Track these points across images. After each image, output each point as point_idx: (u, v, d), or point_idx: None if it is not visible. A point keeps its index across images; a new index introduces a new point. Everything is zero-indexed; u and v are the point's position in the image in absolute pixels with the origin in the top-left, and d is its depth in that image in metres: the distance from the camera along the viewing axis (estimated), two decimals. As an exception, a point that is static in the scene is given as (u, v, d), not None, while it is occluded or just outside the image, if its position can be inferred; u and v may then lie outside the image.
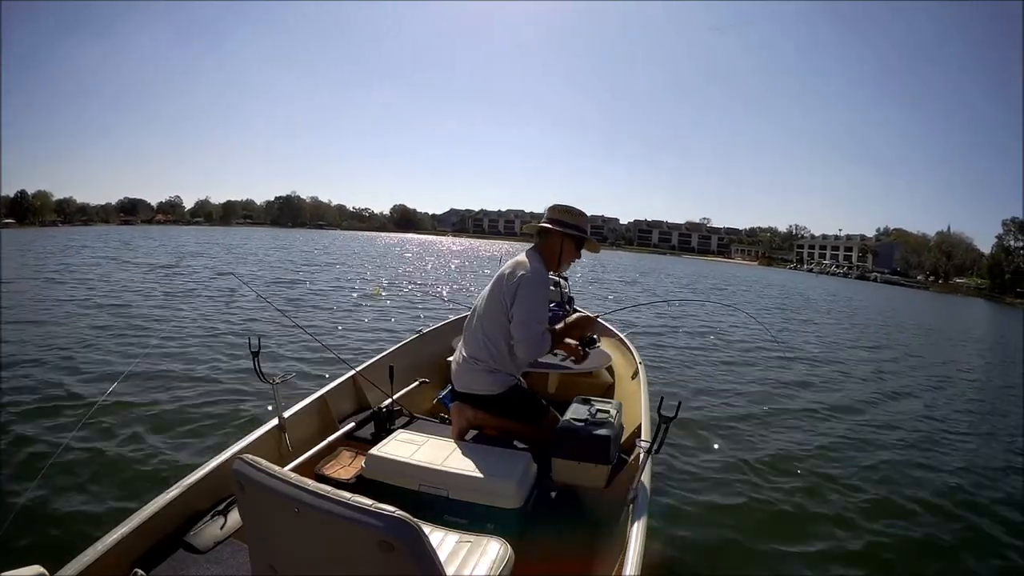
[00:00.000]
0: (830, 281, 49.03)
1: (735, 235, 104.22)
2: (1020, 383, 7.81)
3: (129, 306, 8.15)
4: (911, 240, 77.64)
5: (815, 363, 7.57)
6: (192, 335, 6.26)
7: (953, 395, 6.64)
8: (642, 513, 1.62)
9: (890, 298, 31.12)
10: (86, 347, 5.46)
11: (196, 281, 11.79)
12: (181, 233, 45.50)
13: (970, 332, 16.69)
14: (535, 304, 2.06)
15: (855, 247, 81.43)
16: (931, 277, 67.90)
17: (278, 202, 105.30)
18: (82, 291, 9.48)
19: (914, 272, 70.52)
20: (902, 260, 74.15)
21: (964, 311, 28.53)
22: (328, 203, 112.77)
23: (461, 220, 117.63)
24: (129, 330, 6.43)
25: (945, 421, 5.28)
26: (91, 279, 11.42)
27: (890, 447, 4.29)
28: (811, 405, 5.26)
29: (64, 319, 6.92)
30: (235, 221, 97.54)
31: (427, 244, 52.79)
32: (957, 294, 54.50)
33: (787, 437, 4.25)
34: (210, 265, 15.95)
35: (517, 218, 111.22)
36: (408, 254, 31.27)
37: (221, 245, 27.19)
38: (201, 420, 3.68)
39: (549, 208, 2.27)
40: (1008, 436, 4.99)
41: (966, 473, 3.88)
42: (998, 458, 4.32)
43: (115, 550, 1.42)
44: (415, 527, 0.90)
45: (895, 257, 75.19)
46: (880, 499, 3.32)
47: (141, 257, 18.38)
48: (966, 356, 10.70)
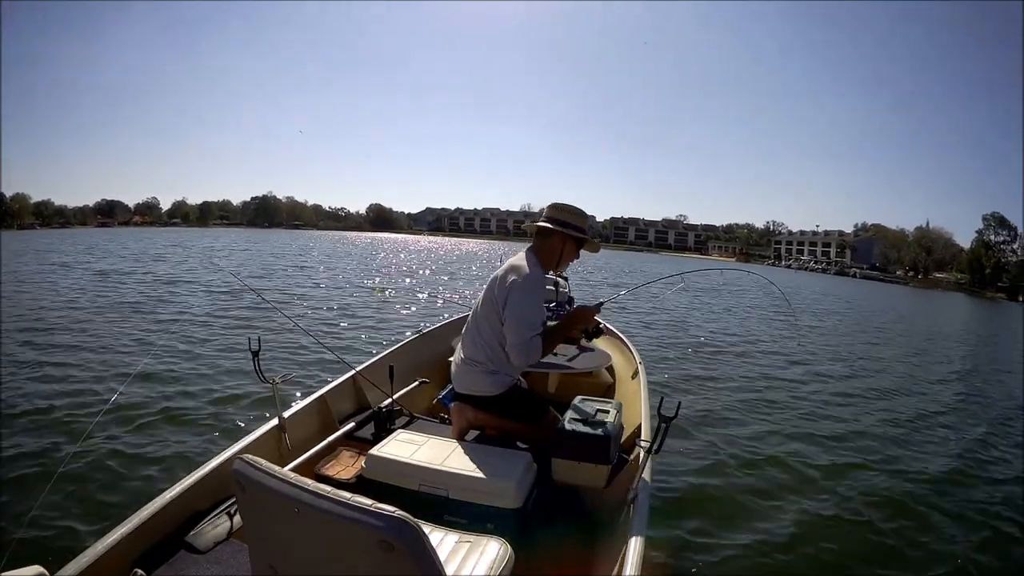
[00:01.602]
0: (810, 277, 48.86)
1: (712, 232, 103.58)
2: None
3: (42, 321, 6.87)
4: (890, 235, 77.20)
5: (819, 362, 7.57)
6: (192, 335, 6.27)
7: (979, 394, 6.62)
8: (642, 513, 1.62)
9: (876, 294, 31.11)
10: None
11: (140, 291, 10.34)
12: (155, 235, 42.61)
13: (980, 329, 16.69)
14: (526, 310, 2.01)
15: (833, 243, 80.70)
16: (910, 272, 67.85)
17: (254, 202, 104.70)
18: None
19: (893, 268, 70.34)
20: (881, 255, 73.80)
21: (962, 308, 28.54)
22: (304, 203, 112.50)
23: (437, 219, 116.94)
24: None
25: (970, 426, 5.18)
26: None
27: (901, 448, 4.28)
28: (812, 404, 5.27)
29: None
30: (212, 222, 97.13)
31: (399, 243, 51.22)
32: (937, 289, 54.33)
33: (788, 437, 4.25)
34: (166, 272, 14.03)
35: (493, 216, 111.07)
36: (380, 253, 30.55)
37: (184, 248, 25.65)
38: (201, 420, 3.69)
39: (549, 207, 2.21)
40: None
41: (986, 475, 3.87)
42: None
43: (115, 550, 1.42)
44: (415, 527, 0.90)
45: (873, 253, 74.73)
46: (882, 499, 3.32)
47: (96, 263, 16.21)
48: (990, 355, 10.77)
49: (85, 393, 4.09)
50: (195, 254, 21.36)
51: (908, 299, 31.21)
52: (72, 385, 4.28)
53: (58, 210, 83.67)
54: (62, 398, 3.94)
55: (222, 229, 75.06)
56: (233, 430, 3.47)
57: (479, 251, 40.28)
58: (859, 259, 73.55)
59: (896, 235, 76.85)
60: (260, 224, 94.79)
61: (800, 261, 77.50)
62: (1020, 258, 59.53)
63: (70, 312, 7.59)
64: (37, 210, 78.03)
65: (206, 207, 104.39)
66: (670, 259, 54.49)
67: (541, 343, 2.03)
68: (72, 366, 4.81)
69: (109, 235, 42.83)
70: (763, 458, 3.74)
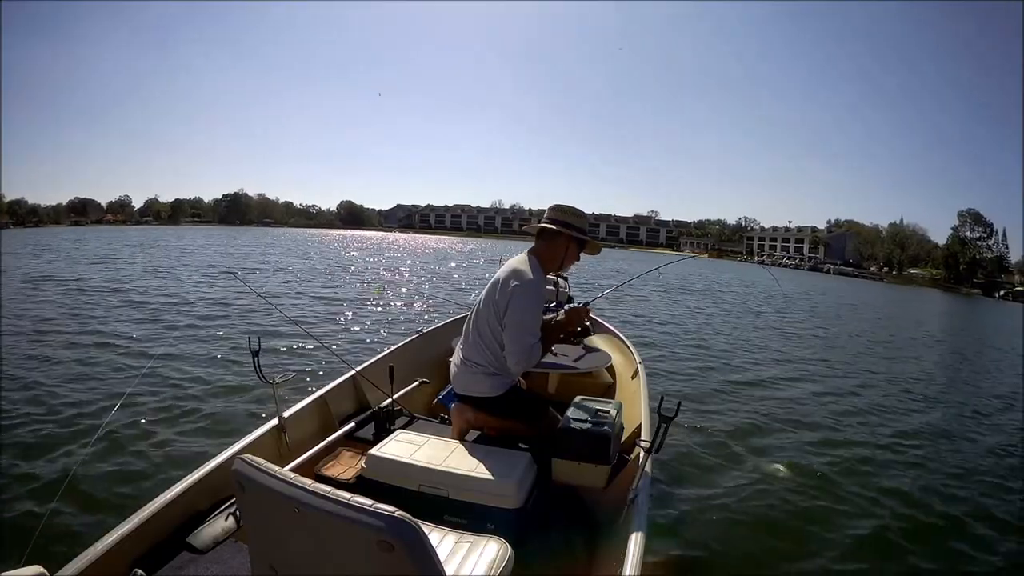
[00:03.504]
0: (784, 273, 48.81)
1: (684, 227, 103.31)
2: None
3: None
4: (863, 232, 77.44)
5: (817, 361, 7.57)
6: (192, 336, 6.27)
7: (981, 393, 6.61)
8: (642, 513, 1.62)
9: (856, 290, 31.12)
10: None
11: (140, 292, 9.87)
12: (120, 233, 40.99)
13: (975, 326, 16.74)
14: (527, 316, 2.02)
15: (806, 239, 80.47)
16: (885, 268, 68.19)
17: (225, 200, 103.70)
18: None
19: (867, 264, 70.59)
20: (854, 251, 73.98)
21: (963, 307, 28.68)
22: (275, 200, 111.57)
23: (408, 216, 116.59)
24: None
25: (966, 426, 5.19)
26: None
27: (897, 447, 4.27)
28: (813, 404, 5.27)
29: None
30: (183, 220, 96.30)
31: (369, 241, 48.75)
32: (912, 285, 54.60)
33: (788, 436, 4.25)
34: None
35: (464, 213, 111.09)
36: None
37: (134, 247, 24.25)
38: (201, 420, 3.69)
39: (550, 208, 2.20)
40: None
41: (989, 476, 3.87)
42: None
43: (115, 550, 1.42)
44: (415, 527, 0.90)
45: (847, 248, 74.83)
46: (884, 499, 3.32)
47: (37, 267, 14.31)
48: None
49: (88, 393, 4.10)
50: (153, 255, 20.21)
51: (888, 295, 31.31)
52: (74, 386, 4.28)
53: (32, 209, 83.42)
54: (64, 407, 3.93)
55: (191, 227, 73.53)
56: (233, 430, 3.47)
57: (453, 249, 39.32)
58: (832, 255, 73.60)
59: (870, 231, 77.17)
60: (232, 222, 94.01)
61: (773, 257, 77.08)
62: (995, 254, 60.40)
63: (73, 315, 7.59)
64: (11, 209, 77.71)
65: (178, 205, 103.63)
66: (641, 255, 53.83)
67: (540, 348, 2.06)
68: (74, 369, 4.82)
69: (73, 233, 41.10)
70: (763, 458, 3.74)
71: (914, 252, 70.01)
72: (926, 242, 71.01)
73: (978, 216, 63.07)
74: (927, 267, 67.44)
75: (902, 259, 69.22)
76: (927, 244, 70.77)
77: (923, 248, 70.43)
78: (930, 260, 68.32)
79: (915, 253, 69.93)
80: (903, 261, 68.96)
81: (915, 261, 69.51)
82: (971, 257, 60.36)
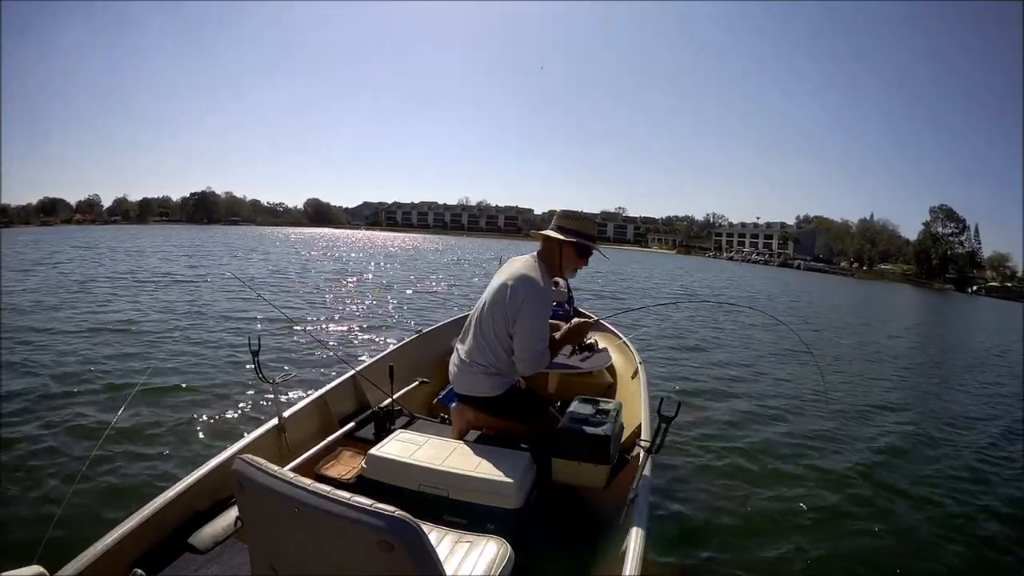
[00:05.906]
0: (754, 269, 48.74)
1: (652, 224, 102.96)
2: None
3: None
4: (833, 228, 77.37)
5: (816, 361, 7.55)
6: (191, 336, 6.27)
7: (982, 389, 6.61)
8: (642, 513, 1.62)
9: (830, 287, 30.95)
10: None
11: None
12: (82, 233, 39.25)
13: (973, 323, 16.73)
14: (538, 323, 2.05)
15: (775, 235, 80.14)
16: (855, 264, 68.22)
17: (193, 199, 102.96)
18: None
19: (837, 259, 70.63)
20: (824, 247, 73.90)
21: (951, 304, 28.70)
22: (243, 199, 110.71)
23: (375, 213, 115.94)
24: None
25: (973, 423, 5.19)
26: None
27: (898, 448, 4.27)
28: (813, 403, 5.26)
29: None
30: (152, 219, 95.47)
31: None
32: (883, 280, 54.50)
33: (788, 437, 4.25)
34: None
35: (431, 210, 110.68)
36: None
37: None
38: (200, 420, 3.69)
39: (559, 215, 2.19)
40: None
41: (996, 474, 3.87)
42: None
43: (115, 550, 1.42)
44: (415, 527, 0.90)
45: (817, 244, 74.76)
46: (885, 499, 3.32)
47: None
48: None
49: (91, 393, 4.11)
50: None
51: (863, 292, 31.22)
52: (77, 386, 4.29)
53: (1, 209, 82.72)
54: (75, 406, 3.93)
55: (159, 226, 72.53)
56: (233, 430, 3.47)
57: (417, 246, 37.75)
58: (802, 251, 73.54)
59: (839, 227, 77.09)
60: (199, 220, 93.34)
61: (743, 253, 76.98)
62: (967, 249, 60.67)
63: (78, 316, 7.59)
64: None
65: (146, 204, 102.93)
66: (611, 251, 53.23)
67: (549, 354, 2.09)
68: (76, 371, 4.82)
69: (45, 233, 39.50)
70: (764, 458, 3.74)
71: (884, 248, 70.32)
72: (896, 238, 71.36)
73: (951, 212, 63.53)
74: (898, 263, 67.66)
75: (872, 255, 69.49)
76: (897, 240, 71.09)
77: (893, 244, 70.72)
78: (900, 256, 68.64)
79: (885, 249, 70.23)
80: (874, 257, 69.16)
81: (885, 257, 69.75)
82: (943, 252, 60.67)
